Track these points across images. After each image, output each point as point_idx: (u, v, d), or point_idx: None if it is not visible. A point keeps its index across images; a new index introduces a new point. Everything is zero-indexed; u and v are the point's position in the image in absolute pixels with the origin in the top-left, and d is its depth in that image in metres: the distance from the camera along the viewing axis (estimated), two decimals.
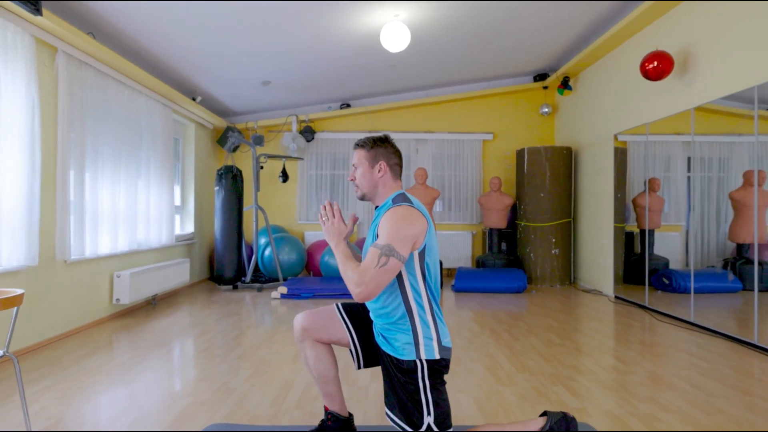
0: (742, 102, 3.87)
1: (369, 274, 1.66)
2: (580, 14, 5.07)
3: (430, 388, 1.72)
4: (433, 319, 1.78)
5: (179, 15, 4.14)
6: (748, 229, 3.95)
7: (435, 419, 1.71)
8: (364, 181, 1.91)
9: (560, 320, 4.46)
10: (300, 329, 1.97)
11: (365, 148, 1.92)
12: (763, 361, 3.22)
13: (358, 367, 1.98)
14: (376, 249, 1.68)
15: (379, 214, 1.86)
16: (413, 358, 1.73)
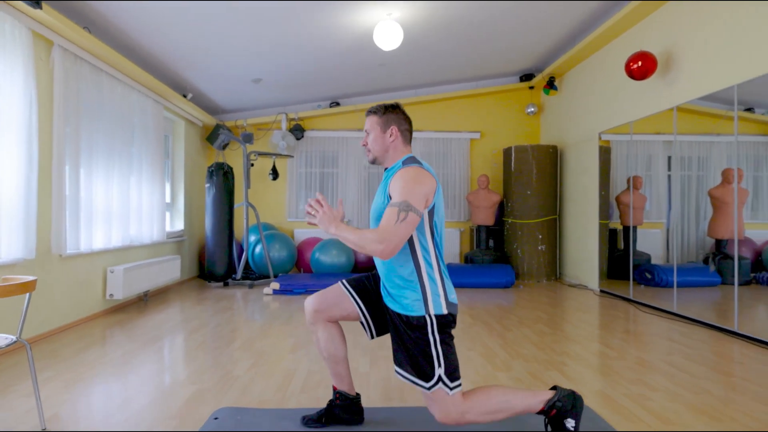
0: (721, 103, 4.05)
1: (390, 230, 1.71)
2: (566, 16, 5.22)
3: (440, 342, 1.80)
4: (440, 277, 1.85)
5: (174, 11, 4.17)
6: (726, 225, 4.12)
7: (445, 371, 1.79)
8: (376, 145, 1.98)
9: (549, 312, 4.59)
10: (312, 312, 2.03)
11: (377, 114, 1.99)
12: (742, 346, 3.38)
13: (371, 337, 2.05)
14: (393, 207, 1.74)
15: (388, 175, 1.92)
16: (422, 313, 1.80)
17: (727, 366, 2.94)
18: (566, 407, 1.84)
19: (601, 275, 5.81)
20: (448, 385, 1.78)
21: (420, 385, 1.79)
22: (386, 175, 1.94)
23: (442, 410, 1.79)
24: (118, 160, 4.66)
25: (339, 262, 6.47)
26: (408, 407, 2.31)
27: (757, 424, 2.12)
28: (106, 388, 2.59)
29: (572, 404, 1.85)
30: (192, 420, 2.18)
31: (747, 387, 2.58)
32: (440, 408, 1.79)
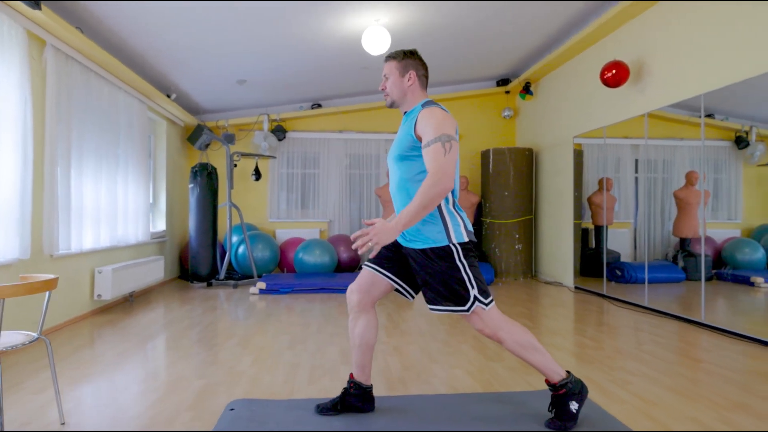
0: (686, 110, 4.35)
1: (441, 163, 1.84)
2: (542, 24, 5.47)
3: (468, 266, 1.97)
4: (456, 210, 2.02)
5: (165, 10, 4.20)
6: (690, 224, 4.43)
7: (478, 290, 1.96)
8: (395, 88, 2.09)
9: (529, 308, 4.82)
10: (356, 300, 2.15)
11: (396, 59, 2.11)
12: (709, 336, 3.67)
13: (412, 297, 2.19)
14: (435, 143, 1.86)
15: (409, 117, 2.05)
16: (447, 243, 1.96)
17: (697, 353, 3.20)
18: (574, 390, 2.02)
19: (575, 273, 6.09)
20: (483, 302, 1.97)
21: (459, 311, 1.96)
22: (406, 118, 2.07)
23: (482, 321, 1.98)
24: (105, 160, 4.64)
25: (322, 261, 6.57)
26: (412, 395, 2.45)
27: (726, 402, 2.35)
28: (113, 384, 2.64)
29: (579, 390, 2.03)
30: (207, 412, 2.27)
31: (715, 371, 2.83)
32: (480, 320, 1.98)
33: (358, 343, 2.17)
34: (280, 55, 5.56)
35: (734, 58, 3.80)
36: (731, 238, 3.95)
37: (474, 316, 1.99)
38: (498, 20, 5.18)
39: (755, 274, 3.74)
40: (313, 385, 2.62)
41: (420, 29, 5.20)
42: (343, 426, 2.09)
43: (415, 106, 2.07)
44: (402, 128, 2.07)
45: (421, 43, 5.63)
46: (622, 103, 5.18)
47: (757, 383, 2.62)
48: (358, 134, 7.66)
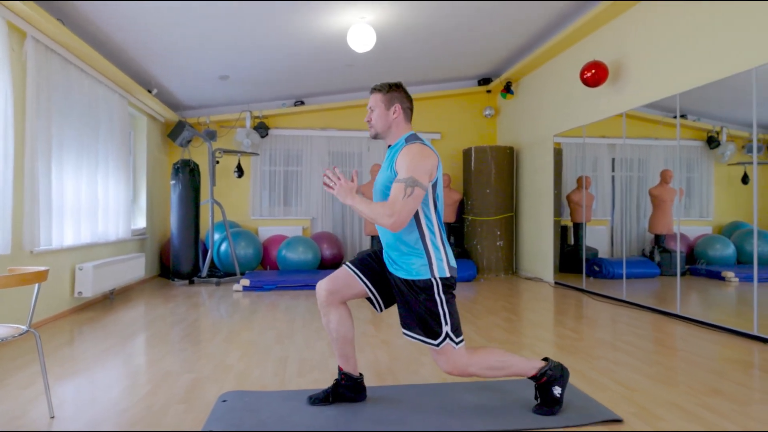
0: (661, 110, 4.49)
1: (398, 205, 1.89)
2: (524, 24, 5.58)
3: (445, 301, 2.00)
4: (442, 244, 2.05)
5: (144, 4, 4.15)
6: (664, 221, 4.58)
7: (451, 328, 1.99)
8: (380, 121, 2.12)
9: (512, 302, 4.92)
10: (325, 294, 2.17)
11: (382, 91, 2.13)
12: (685, 327, 3.81)
13: (380, 311, 2.22)
14: (400, 183, 1.91)
15: (392, 151, 2.09)
16: (428, 276, 1.99)
17: (673, 342, 3.33)
18: (555, 376, 2.08)
19: (555, 269, 6.22)
20: (453, 340, 1.99)
21: (429, 343, 1.99)
22: (390, 152, 2.10)
23: (448, 362, 2.00)
24: (86, 155, 4.57)
25: (305, 258, 6.57)
26: (402, 385, 2.50)
27: (703, 387, 2.45)
28: (101, 379, 2.62)
29: (560, 374, 2.10)
30: (199, 404, 2.27)
31: (691, 359, 2.95)
32: (446, 360, 2.00)
33: (335, 337, 2.20)
34: (264, 52, 5.54)
35: (708, 60, 3.95)
36: (703, 235, 4.10)
37: (441, 357, 2.00)
38: (480, 20, 5.27)
39: (726, 269, 3.89)
40: (304, 378, 2.64)
41: (404, 28, 5.25)
42: (337, 414, 2.12)
43: (399, 140, 2.11)
44: (385, 162, 2.12)
45: (405, 42, 5.68)
46: (601, 103, 5.32)
47: (730, 370, 2.74)
48: (341, 132, 7.68)
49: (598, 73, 4.90)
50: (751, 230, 3.56)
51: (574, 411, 2.12)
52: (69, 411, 2.18)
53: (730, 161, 3.84)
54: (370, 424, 2.01)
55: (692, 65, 4.11)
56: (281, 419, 2.07)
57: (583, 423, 2.01)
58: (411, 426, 2.00)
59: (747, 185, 3.66)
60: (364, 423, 2.03)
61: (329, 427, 1.99)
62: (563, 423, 2.00)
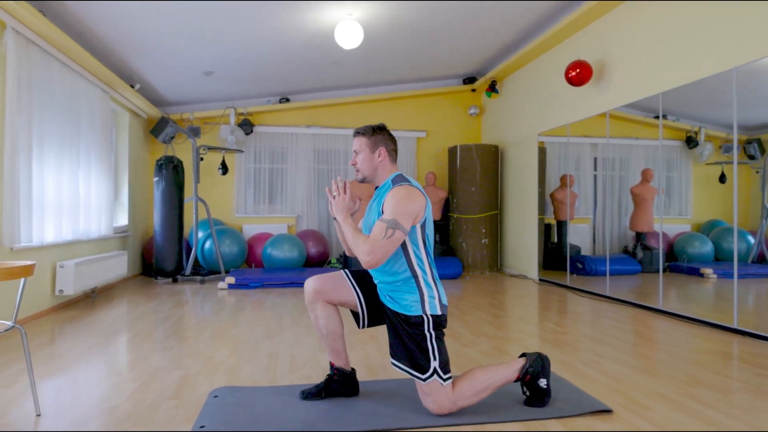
0: (642, 110, 4.59)
1: (378, 244, 1.92)
2: (508, 24, 5.63)
3: (435, 338, 2.02)
4: (434, 282, 2.08)
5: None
6: (645, 219, 4.68)
7: (439, 364, 2.00)
8: (366, 165, 2.15)
9: (498, 299, 4.97)
10: (312, 291, 2.17)
11: (366, 135, 2.16)
12: (667, 321, 3.89)
13: (362, 327, 2.22)
14: (383, 223, 1.94)
15: (380, 193, 2.12)
16: (420, 313, 2.01)
17: (656, 336, 3.40)
18: (537, 370, 2.11)
19: (539, 266, 6.30)
20: (441, 376, 1.99)
21: (416, 377, 1.99)
22: (377, 193, 2.14)
23: (435, 402, 1.99)
24: (68, 150, 4.48)
25: (291, 256, 6.54)
26: (393, 379, 2.51)
27: (687, 378, 2.52)
28: (87, 376, 2.57)
29: (541, 365, 2.13)
30: (191, 400, 2.25)
31: (674, 351, 3.02)
32: (434, 400, 1.99)
33: (324, 333, 2.20)
34: (249, 48, 5.50)
35: (690, 60, 4.04)
36: (682, 233, 4.20)
37: (428, 398, 2.00)
38: (466, 19, 5.30)
39: (704, 266, 3.99)
40: (295, 373, 2.63)
41: (391, 25, 5.26)
42: (330, 408, 2.12)
43: (386, 181, 2.14)
44: (372, 203, 2.15)
45: (392, 40, 5.69)
46: (585, 102, 5.40)
47: (711, 361, 2.82)
48: (327, 129, 7.65)
49: (582, 73, 4.98)
50: (728, 228, 3.65)
51: (565, 402, 2.15)
52: (55, 408, 2.14)
53: (708, 161, 3.94)
54: (364, 419, 2.02)
55: (674, 65, 4.20)
56: (275, 414, 2.06)
57: (574, 414, 2.04)
58: (405, 420, 2.01)
59: (724, 184, 3.76)
60: (358, 417, 2.03)
61: (323, 422, 1.99)
62: (555, 414, 2.04)
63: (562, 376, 2.54)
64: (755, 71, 3.44)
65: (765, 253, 3.44)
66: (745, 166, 3.56)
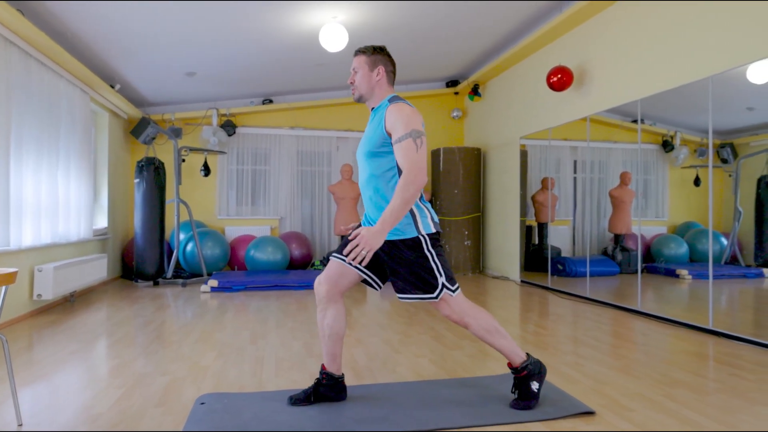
0: (620, 115, 4.69)
1: (416, 158, 1.94)
2: (492, 28, 5.70)
3: (436, 255, 2.08)
4: (422, 203, 2.12)
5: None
6: (624, 221, 4.78)
7: (445, 278, 2.07)
8: (363, 83, 2.15)
9: (481, 301, 5.02)
10: (326, 289, 2.18)
11: (366, 53, 2.16)
12: (645, 322, 3.99)
13: (379, 288, 2.25)
14: (407, 139, 1.95)
15: (376, 113, 2.12)
16: (415, 234, 2.06)
17: (636, 337, 3.49)
18: (534, 371, 2.16)
19: (521, 267, 6.39)
20: (450, 288, 2.07)
21: (428, 299, 2.06)
22: (374, 114, 2.14)
23: (449, 307, 2.09)
24: (46, 151, 4.39)
25: (274, 258, 6.50)
26: (381, 383, 2.52)
27: (666, 378, 2.59)
28: (70, 383, 2.53)
29: (539, 370, 2.17)
30: (177, 407, 2.23)
31: (653, 352, 3.10)
32: (447, 305, 2.09)
33: (328, 334, 2.21)
34: (232, 48, 5.46)
35: (668, 68, 4.15)
36: (659, 235, 4.30)
37: (442, 303, 2.09)
38: (449, 23, 5.35)
39: (680, 267, 4.10)
40: (282, 378, 2.63)
41: (375, 28, 5.27)
42: (318, 413, 2.13)
43: (382, 102, 2.13)
44: (370, 125, 2.13)
45: (376, 42, 5.71)
46: (566, 107, 5.50)
47: (689, 362, 2.90)
48: (310, 131, 7.64)
49: (564, 78, 5.07)
50: (703, 230, 3.76)
51: (549, 404, 2.20)
52: (38, 418, 2.11)
53: (683, 164, 4.05)
54: (352, 423, 2.03)
55: (653, 72, 4.31)
56: (263, 420, 2.06)
57: (558, 416, 2.09)
58: (394, 423, 2.03)
59: (699, 187, 3.87)
60: (347, 422, 2.05)
61: (312, 427, 2.00)
62: (540, 416, 2.08)
63: (546, 378, 2.59)
64: (730, 79, 3.55)
65: (737, 255, 3.55)
66: (719, 170, 3.67)
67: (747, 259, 3.48)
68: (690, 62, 3.93)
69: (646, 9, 4.38)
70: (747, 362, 2.89)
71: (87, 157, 5.27)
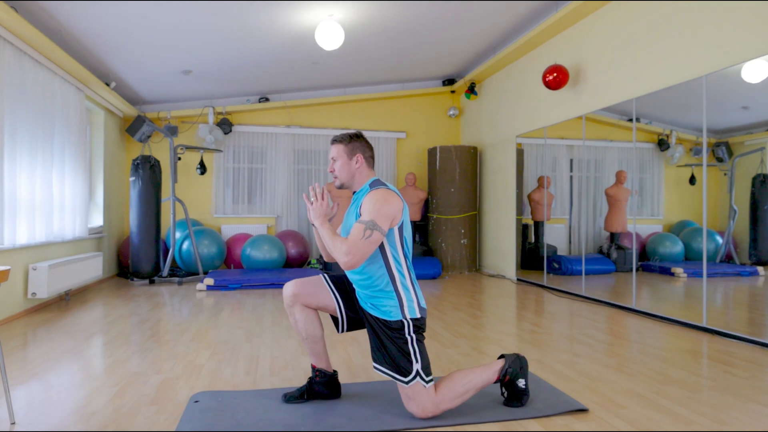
0: (616, 113, 4.70)
1: (357, 245, 1.94)
2: (488, 27, 5.70)
3: (415, 340, 2.05)
4: (412, 285, 2.10)
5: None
6: (619, 220, 4.80)
7: (421, 366, 2.03)
8: (343, 171, 2.18)
9: (477, 299, 5.03)
10: (291, 295, 2.18)
11: (343, 143, 2.19)
12: (640, 320, 4.00)
13: (340, 331, 2.24)
14: (361, 224, 1.97)
15: (358, 197, 2.15)
16: (400, 318, 2.04)
17: (631, 335, 3.50)
18: (516, 370, 2.16)
19: (517, 266, 6.40)
20: (423, 378, 2.01)
21: (399, 380, 2.02)
22: (355, 198, 2.17)
23: (419, 405, 2.01)
24: (41, 150, 4.38)
25: (271, 257, 6.50)
26: (375, 381, 2.53)
27: (659, 376, 2.60)
28: (64, 381, 2.53)
29: (520, 366, 2.18)
30: (171, 405, 2.23)
31: (647, 349, 3.11)
32: (418, 404, 2.01)
33: (304, 336, 2.22)
34: (228, 47, 5.45)
35: (662, 67, 4.16)
36: (654, 233, 4.32)
37: (412, 402, 2.01)
38: (445, 22, 5.35)
39: (675, 265, 4.12)
40: (276, 376, 2.63)
41: (371, 27, 5.27)
42: (313, 411, 2.13)
43: (363, 186, 2.17)
44: (350, 208, 2.18)
45: (372, 41, 5.70)
46: (562, 105, 5.50)
47: (682, 359, 2.91)
48: (307, 129, 7.63)
49: (559, 77, 5.07)
50: (698, 228, 3.78)
51: (542, 402, 2.20)
52: (31, 416, 2.10)
53: (678, 163, 4.06)
54: (346, 421, 2.03)
55: (648, 71, 4.32)
56: (257, 418, 2.06)
57: (552, 413, 2.09)
58: (387, 422, 2.03)
59: (694, 186, 3.88)
60: (341, 420, 2.05)
61: (305, 425, 2.00)
62: (533, 414, 2.08)
63: (539, 376, 2.60)
64: (725, 78, 3.56)
65: (732, 253, 3.56)
66: (714, 169, 3.68)
67: (742, 257, 3.50)
68: (684, 61, 3.94)
69: (641, 8, 4.39)
70: (740, 360, 2.91)
71: (82, 155, 5.25)
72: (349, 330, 2.24)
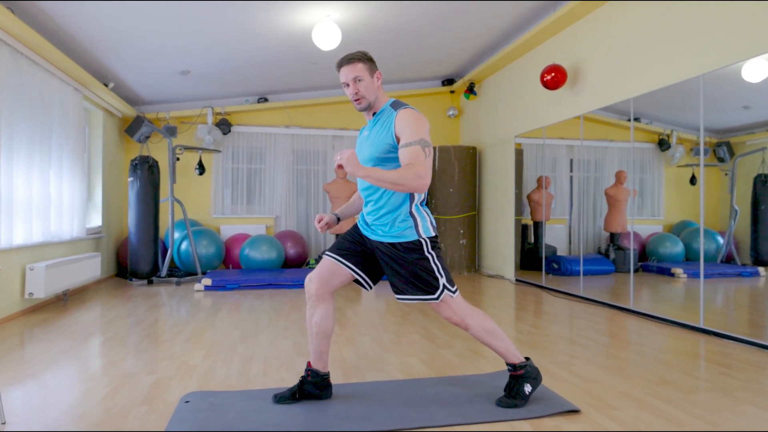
0: (615, 113, 4.68)
1: (424, 164, 1.93)
2: (487, 27, 5.69)
3: (436, 257, 2.10)
4: (422, 207, 2.13)
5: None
6: (619, 220, 4.77)
7: (446, 279, 2.09)
8: (369, 90, 2.08)
9: (475, 300, 5.02)
10: (316, 287, 2.19)
11: (362, 61, 2.05)
12: (638, 321, 3.98)
13: (369, 288, 2.27)
14: (416, 145, 1.94)
15: (380, 119, 2.10)
16: (416, 237, 2.08)
17: (627, 336, 3.48)
18: (531, 374, 2.16)
19: (516, 266, 6.38)
20: (450, 290, 2.09)
21: (428, 299, 2.07)
22: (376, 120, 2.11)
23: (450, 309, 2.10)
24: (38, 150, 4.38)
25: (269, 257, 6.50)
26: (368, 382, 2.52)
27: (655, 378, 2.59)
28: (57, 382, 2.52)
29: (535, 375, 2.18)
30: (162, 406, 2.22)
31: (644, 351, 3.10)
32: (447, 308, 2.10)
33: (315, 332, 2.21)
34: (227, 47, 5.45)
35: (660, 66, 4.14)
36: (654, 234, 4.30)
37: (442, 305, 2.10)
38: (444, 22, 5.34)
39: (675, 266, 4.09)
40: (269, 377, 2.63)
41: (370, 27, 5.26)
42: (303, 412, 2.12)
43: (384, 107, 2.12)
44: (375, 131, 2.10)
45: (370, 41, 5.69)
46: (560, 105, 5.49)
47: (680, 361, 2.89)
48: (305, 129, 7.63)
49: (557, 77, 5.06)
50: (698, 229, 3.75)
51: (534, 402, 2.19)
52: (22, 416, 2.10)
53: (679, 163, 4.04)
54: (336, 421, 2.03)
55: (645, 71, 4.30)
56: (247, 419, 2.05)
57: (543, 414, 2.08)
58: (377, 421, 2.02)
59: (695, 186, 3.86)
60: (331, 420, 2.04)
61: (295, 426, 1.99)
62: (524, 414, 2.07)
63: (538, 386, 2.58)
64: (725, 77, 3.54)
65: (733, 253, 3.54)
66: (715, 169, 3.66)
67: (743, 258, 3.48)
68: (681, 61, 3.92)
69: (639, 8, 4.37)
70: (737, 361, 2.89)
71: (80, 155, 5.26)
72: (375, 283, 2.27)
